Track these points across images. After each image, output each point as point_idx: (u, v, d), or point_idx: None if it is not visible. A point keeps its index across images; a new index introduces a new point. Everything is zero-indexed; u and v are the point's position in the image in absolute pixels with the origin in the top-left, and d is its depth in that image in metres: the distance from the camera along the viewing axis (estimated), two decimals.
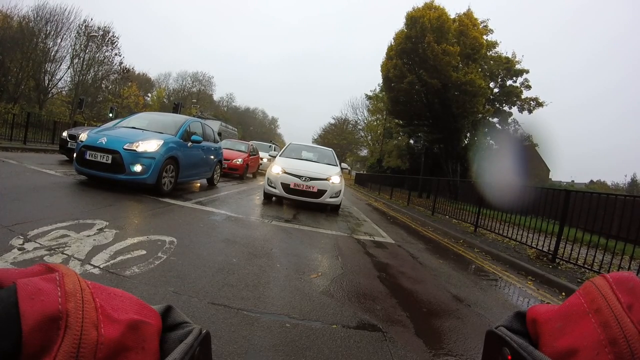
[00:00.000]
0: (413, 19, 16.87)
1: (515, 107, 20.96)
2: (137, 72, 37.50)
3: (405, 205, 12.09)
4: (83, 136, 5.22)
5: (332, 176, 6.48)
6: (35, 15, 20.23)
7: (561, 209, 5.06)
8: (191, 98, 45.81)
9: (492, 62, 20.15)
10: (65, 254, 2.33)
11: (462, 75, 16.25)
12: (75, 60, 22.54)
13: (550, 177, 31.72)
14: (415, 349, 1.97)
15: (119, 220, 3.36)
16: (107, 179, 4.91)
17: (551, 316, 0.28)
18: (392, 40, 18.28)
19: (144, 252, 2.64)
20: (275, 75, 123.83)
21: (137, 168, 4.81)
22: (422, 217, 8.95)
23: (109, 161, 4.74)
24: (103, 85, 26.88)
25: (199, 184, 7.68)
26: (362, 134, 44.38)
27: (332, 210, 6.93)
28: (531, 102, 20.41)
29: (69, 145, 7.61)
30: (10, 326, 0.20)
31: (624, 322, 0.24)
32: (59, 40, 21.21)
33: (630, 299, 0.25)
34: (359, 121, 44.38)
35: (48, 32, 20.59)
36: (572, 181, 35.68)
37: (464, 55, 16.95)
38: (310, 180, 6.28)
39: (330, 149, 8.58)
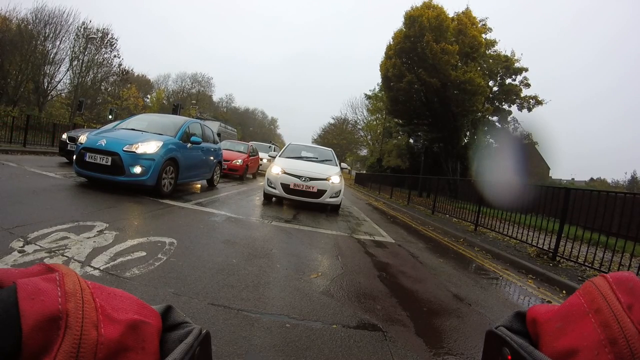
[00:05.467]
0: (412, 19, 16.88)
1: (515, 105, 20.96)
2: (136, 74, 37.47)
3: (405, 204, 12.09)
4: (82, 138, 5.21)
5: (331, 176, 6.48)
6: (34, 17, 20.20)
7: (561, 207, 5.06)
8: (190, 99, 45.74)
9: (491, 60, 20.15)
10: (66, 256, 2.33)
11: (461, 74, 16.25)
12: (75, 63, 22.52)
13: (550, 175, 31.77)
14: (416, 349, 1.97)
15: (119, 222, 3.36)
16: (107, 181, 4.91)
17: (551, 316, 0.28)
18: (391, 40, 18.30)
19: (144, 253, 2.64)
20: (274, 76, 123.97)
21: (137, 169, 4.81)
22: (422, 216, 8.96)
23: (109, 163, 4.74)
24: (102, 87, 26.84)
25: (199, 185, 7.67)
26: (362, 134, 44.35)
27: (332, 210, 6.93)
28: (531, 100, 20.40)
29: (68, 148, 7.60)
30: (10, 326, 0.20)
31: (624, 322, 0.24)
32: (57, 43, 21.18)
33: (630, 299, 0.25)
34: (358, 121, 44.38)
35: (47, 34, 20.54)
36: (572, 179, 35.78)
37: (463, 54, 16.96)
38: (310, 180, 6.28)
39: (329, 149, 8.58)
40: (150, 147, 4.99)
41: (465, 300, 2.96)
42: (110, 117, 17.49)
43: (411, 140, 25.39)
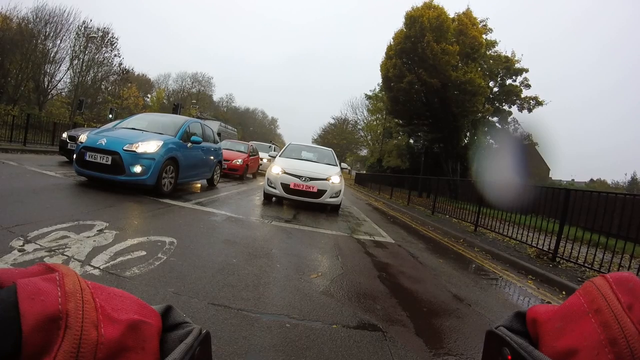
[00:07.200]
0: (412, 19, 16.86)
1: (515, 106, 20.96)
2: (136, 73, 37.43)
3: (405, 204, 12.08)
4: (83, 137, 5.21)
5: (331, 176, 6.48)
6: (35, 16, 20.19)
7: (561, 208, 5.06)
8: (191, 99, 45.73)
9: (491, 61, 20.14)
10: (66, 255, 2.33)
11: (461, 75, 16.24)
12: (75, 62, 22.51)
13: (550, 175, 31.74)
14: (416, 349, 1.97)
15: (119, 221, 3.36)
16: (107, 180, 4.91)
17: (551, 316, 0.28)
18: (392, 40, 18.27)
19: (144, 253, 2.64)
20: (274, 76, 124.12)
21: (137, 169, 4.81)
22: (422, 216, 8.95)
23: (109, 162, 4.74)
24: (103, 87, 26.84)
25: (199, 185, 7.67)
26: (362, 134, 44.34)
27: (332, 210, 6.93)
28: (531, 101, 20.39)
29: (68, 147, 7.61)
30: (11, 326, 0.20)
31: (624, 322, 0.24)
32: (58, 42, 21.16)
33: (630, 299, 0.25)
34: (358, 121, 44.39)
35: (47, 33, 20.53)
36: (572, 180, 35.72)
37: (464, 54, 16.95)
38: (310, 180, 6.28)
39: (329, 149, 8.58)
40: (150, 146, 4.98)
41: (465, 301, 2.96)
42: (110, 116, 17.50)
43: (411, 141, 25.35)
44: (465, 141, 20.32)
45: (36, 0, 32.71)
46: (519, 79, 20.64)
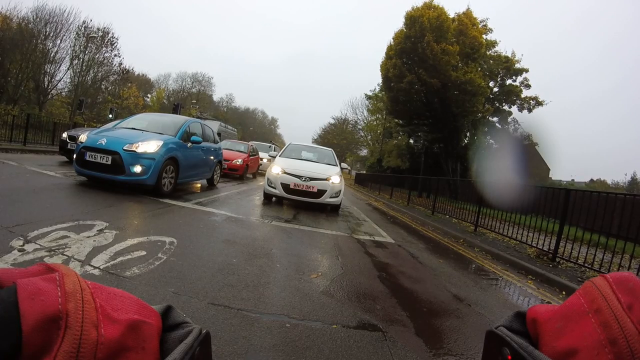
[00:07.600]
0: (412, 19, 16.86)
1: (515, 106, 20.98)
2: (136, 73, 37.49)
3: (405, 204, 12.08)
4: (83, 137, 5.22)
5: (332, 176, 6.48)
6: (35, 16, 20.23)
7: (561, 208, 5.06)
8: (191, 99, 45.75)
9: (491, 61, 20.15)
10: (66, 255, 2.33)
11: (461, 75, 16.24)
12: (75, 61, 22.56)
13: (550, 176, 31.75)
14: (416, 349, 1.97)
15: (119, 221, 3.36)
16: (107, 180, 4.91)
17: (551, 316, 0.28)
18: (392, 40, 18.27)
19: (144, 252, 2.64)
20: (274, 76, 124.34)
21: (137, 169, 4.81)
22: (422, 216, 8.95)
23: (109, 162, 4.74)
24: (103, 87, 26.88)
25: (199, 185, 7.67)
26: (362, 134, 44.37)
27: (332, 210, 6.93)
28: (531, 101, 20.41)
29: (68, 147, 7.61)
30: (11, 326, 0.20)
31: (624, 322, 0.24)
32: (58, 42, 21.21)
33: (630, 299, 0.25)
34: (358, 121, 44.43)
35: (47, 33, 20.57)
36: (572, 180, 35.70)
37: (464, 54, 16.94)
38: (310, 180, 6.28)
39: (330, 149, 8.58)
40: (150, 146, 4.98)
41: (465, 301, 2.96)
42: (110, 116, 17.49)
43: (411, 141, 25.36)
44: (465, 141, 20.34)
45: (36, 0, 32.80)
46: (519, 79, 20.68)
